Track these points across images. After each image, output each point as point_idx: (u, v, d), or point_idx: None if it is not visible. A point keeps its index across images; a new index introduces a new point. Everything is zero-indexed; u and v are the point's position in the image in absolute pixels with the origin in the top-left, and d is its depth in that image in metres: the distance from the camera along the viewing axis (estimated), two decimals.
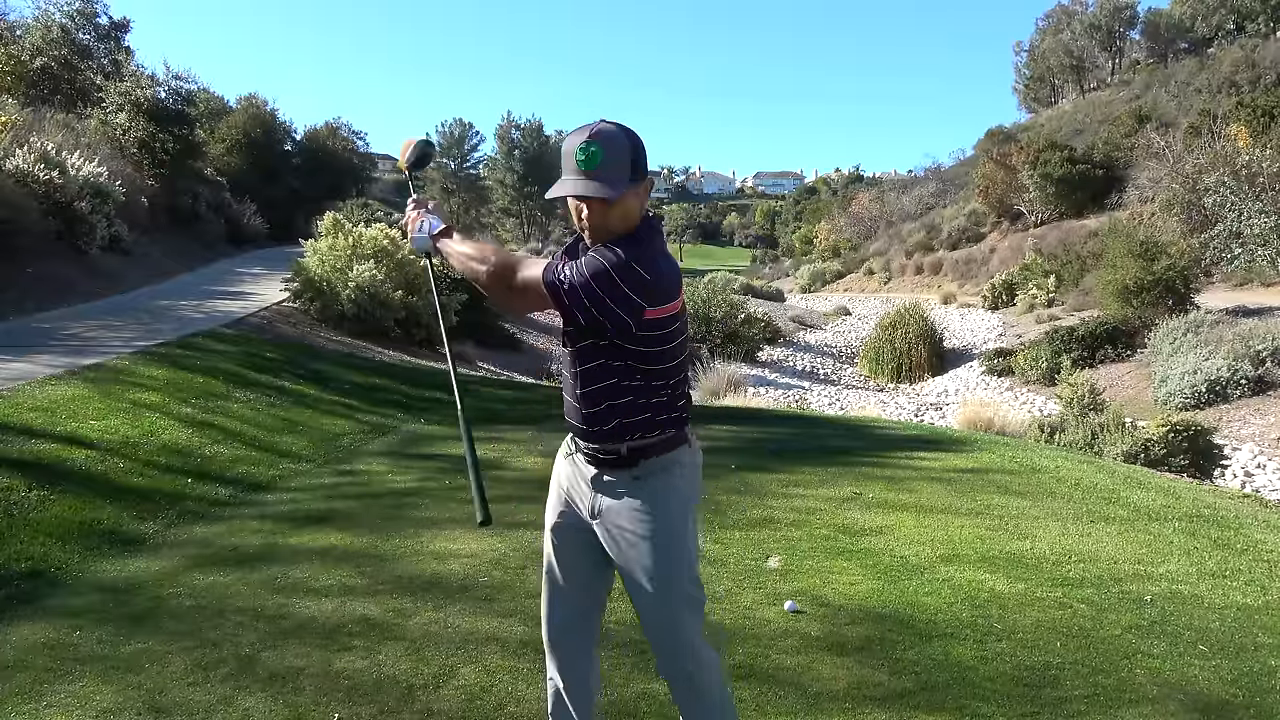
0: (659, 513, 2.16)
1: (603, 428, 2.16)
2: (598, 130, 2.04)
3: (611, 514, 2.19)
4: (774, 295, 42.69)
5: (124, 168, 19.08)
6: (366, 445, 6.96)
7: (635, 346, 2.07)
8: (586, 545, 2.27)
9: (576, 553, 2.29)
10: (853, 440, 7.96)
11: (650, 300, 2.02)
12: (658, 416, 2.15)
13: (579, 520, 2.27)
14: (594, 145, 2.02)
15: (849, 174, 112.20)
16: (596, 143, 2.03)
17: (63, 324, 10.25)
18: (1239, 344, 15.27)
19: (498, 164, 64.47)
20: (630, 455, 2.16)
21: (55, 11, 26.45)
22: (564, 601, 2.31)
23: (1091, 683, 3.11)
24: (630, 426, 2.14)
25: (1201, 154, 27.76)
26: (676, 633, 2.20)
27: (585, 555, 2.28)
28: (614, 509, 2.19)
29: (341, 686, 3.00)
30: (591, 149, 2.02)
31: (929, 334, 24.27)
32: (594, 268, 2.01)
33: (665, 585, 2.18)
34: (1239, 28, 56.83)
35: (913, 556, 4.43)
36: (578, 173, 2.03)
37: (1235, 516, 5.46)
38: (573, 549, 2.30)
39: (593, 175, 2.02)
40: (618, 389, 2.12)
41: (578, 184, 2.03)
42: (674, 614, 2.19)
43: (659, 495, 2.17)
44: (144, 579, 3.98)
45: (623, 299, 2.00)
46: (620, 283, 2.00)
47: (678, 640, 2.21)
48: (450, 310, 14.82)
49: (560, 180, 2.07)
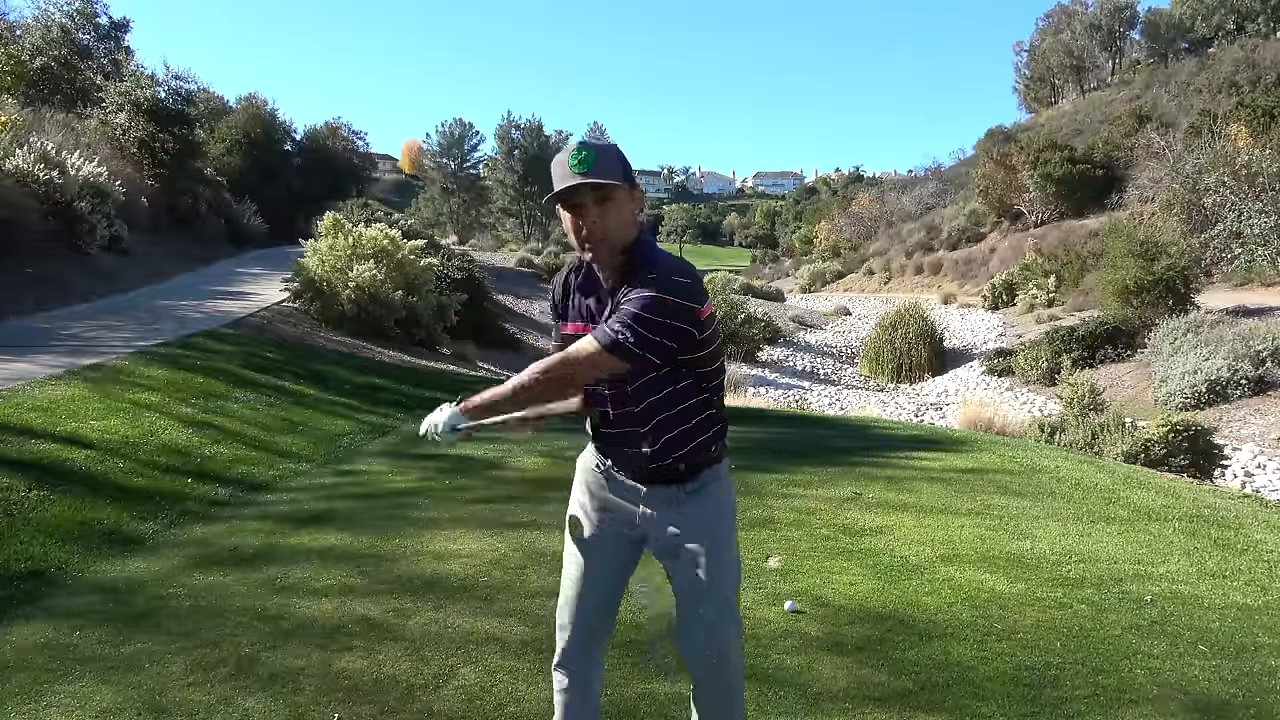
0: (713, 524, 2.17)
1: (663, 448, 2.13)
2: (584, 140, 2.07)
3: (666, 527, 2.18)
4: (774, 295, 42.70)
5: (124, 168, 19.08)
6: (366, 445, 6.96)
7: (692, 354, 2.07)
8: (621, 555, 2.27)
9: (610, 560, 2.27)
10: (853, 440, 7.96)
11: (699, 299, 2.03)
12: (711, 428, 2.16)
13: (618, 531, 2.24)
14: (584, 150, 2.02)
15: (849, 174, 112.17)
16: (588, 148, 2.03)
17: (63, 324, 10.25)
18: (1239, 344, 15.27)
19: (498, 164, 64.44)
20: (687, 470, 2.16)
21: (55, 11, 26.51)
22: (591, 609, 2.27)
23: (1092, 683, 3.10)
24: (687, 441, 2.14)
25: (1201, 154, 27.77)
26: (726, 648, 2.18)
27: (618, 562, 2.28)
28: (670, 522, 2.17)
29: (341, 686, 2.99)
30: (583, 154, 2.01)
31: (929, 334, 24.29)
32: (643, 303, 1.96)
33: (718, 595, 2.17)
34: (1239, 28, 56.84)
35: (913, 556, 4.43)
36: (572, 176, 2.01)
37: (1235, 517, 5.46)
38: (609, 557, 2.26)
39: (588, 175, 2.00)
40: (680, 406, 2.11)
41: (577, 181, 2.00)
42: (725, 627, 2.18)
43: (712, 506, 2.18)
44: (144, 579, 3.98)
45: (681, 313, 1.99)
46: (673, 301, 1.98)
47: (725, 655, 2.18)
48: (450, 309, 14.86)
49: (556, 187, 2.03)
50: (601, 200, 2.02)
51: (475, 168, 67.15)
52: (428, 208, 64.83)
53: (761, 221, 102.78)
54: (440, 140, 66.74)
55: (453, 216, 65.17)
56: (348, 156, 37.46)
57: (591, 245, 2.04)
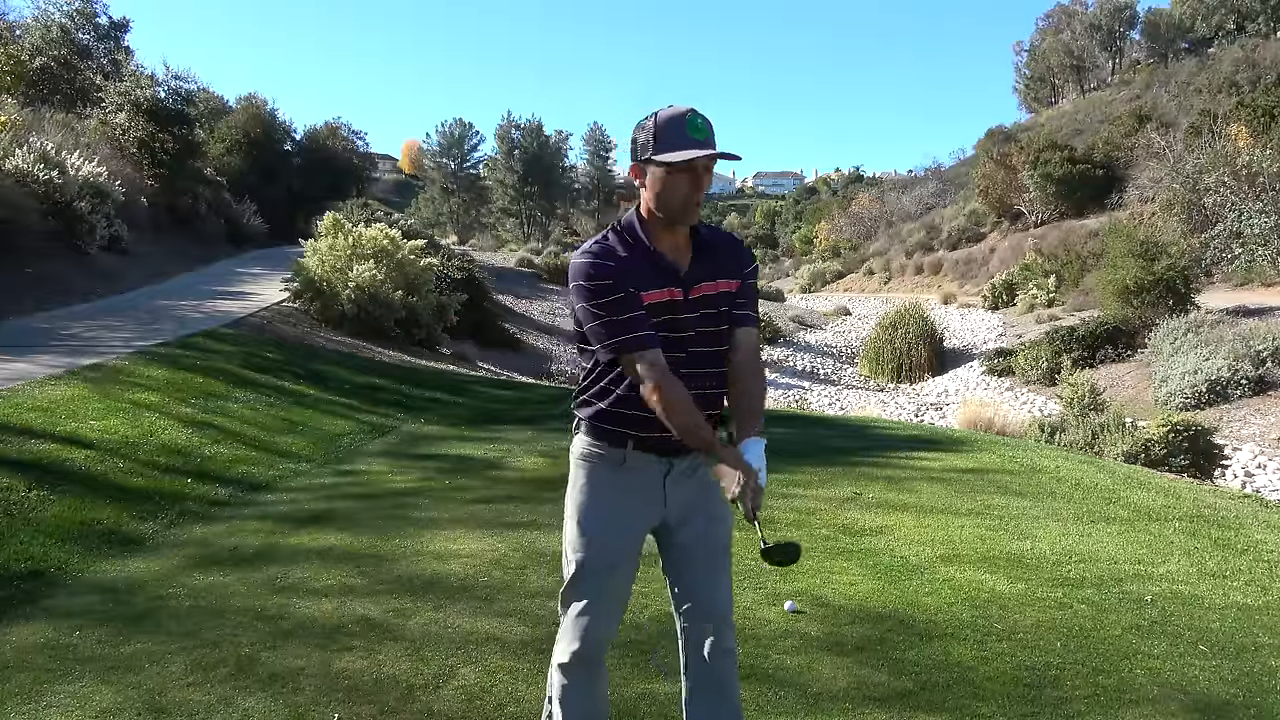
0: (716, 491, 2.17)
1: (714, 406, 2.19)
2: (693, 108, 2.04)
3: (688, 498, 2.20)
4: (774, 295, 42.67)
5: (124, 168, 19.09)
6: (366, 445, 6.96)
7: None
8: (640, 542, 2.26)
9: (633, 563, 2.25)
10: (853, 440, 7.96)
11: None
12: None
13: (645, 527, 2.23)
14: (700, 118, 2.03)
15: (849, 174, 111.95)
16: (702, 117, 2.03)
17: (62, 324, 10.26)
18: (1239, 344, 15.27)
19: (498, 164, 64.45)
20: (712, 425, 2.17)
21: (55, 11, 26.52)
22: (614, 618, 2.25)
23: (1092, 683, 3.10)
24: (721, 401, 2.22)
25: (1202, 154, 27.77)
26: (731, 604, 2.28)
27: (635, 562, 2.26)
28: (692, 492, 2.20)
29: (341, 686, 2.99)
30: (699, 121, 2.02)
31: (929, 334, 24.29)
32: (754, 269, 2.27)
33: (729, 557, 2.28)
34: (1239, 28, 56.82)
35: (913, 556, 4.42)
36: (697, 144, 2.00)
37: (1236, 517, 5.46)
38: (632, 562, 2.25)
39: (712, 144, 2.03)
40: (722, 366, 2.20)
41: (711, 151, 2.01)
42: (730, 585, 2.28)
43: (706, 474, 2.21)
44: (144, 579, 3.98)
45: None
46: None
47: (731, 612, 2.27)
48: (450, 309, 14.85)
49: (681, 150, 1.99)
50: (709, 170, 2.06)
51: (475, 168, 67.18)
52: (428, 208, 64.84)
53: (761, 221, 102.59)
54: (440, 140, 66.77)
55: (453, 216, 65.19)
56: (348, 156, 37.42)
57: (693, 210, 2.07)
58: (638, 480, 2.17)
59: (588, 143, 69.87)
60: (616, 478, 2.18)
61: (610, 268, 2.06)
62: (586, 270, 2.06)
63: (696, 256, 2.14)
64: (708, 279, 2.15)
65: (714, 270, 2.16)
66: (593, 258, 2.07)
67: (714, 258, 2.16)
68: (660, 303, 2.09)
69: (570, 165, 67.85)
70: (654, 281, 2.09)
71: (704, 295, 2.14)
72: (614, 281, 2.05)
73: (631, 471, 2.17)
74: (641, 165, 2.07)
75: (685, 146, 2.00)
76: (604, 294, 2.05)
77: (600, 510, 2.18)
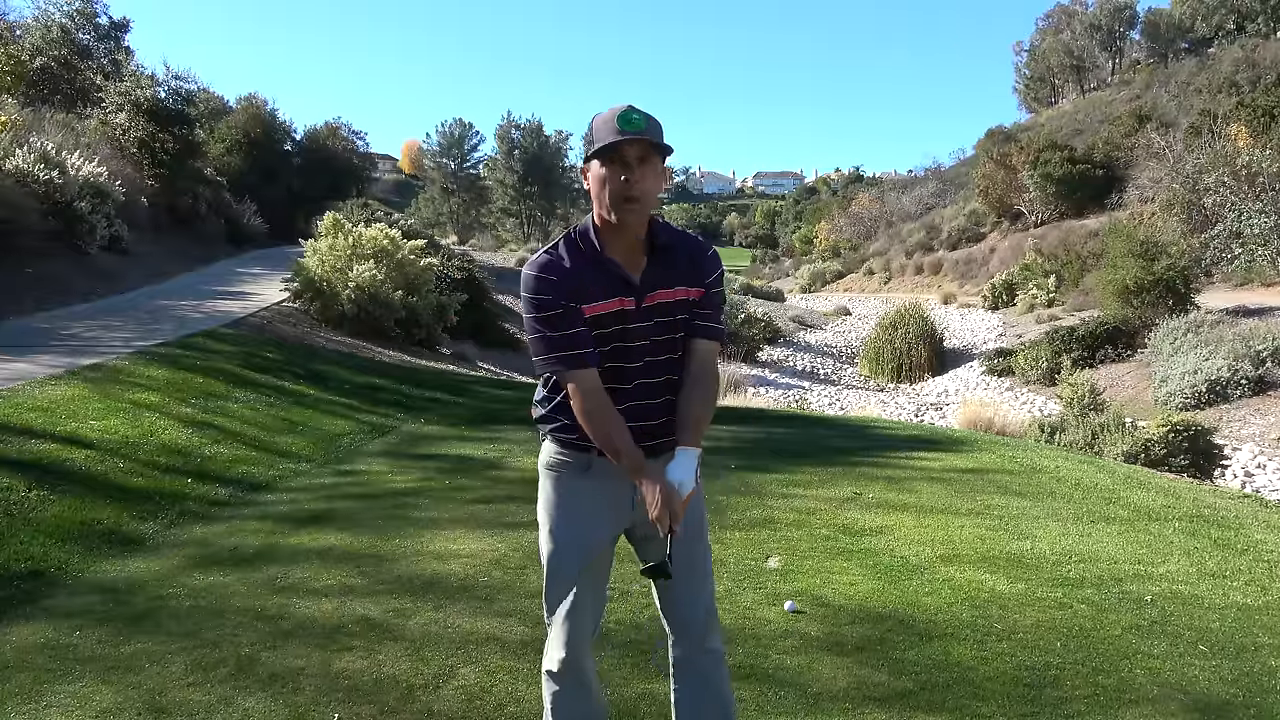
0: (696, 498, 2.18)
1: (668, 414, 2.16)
2: (628, 105, 1.99)
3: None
4: (774, 295, 42.71)
5: (124, 168, 19.08)
6: (366, 445, 6.96)
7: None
8: (612, 545, 2.26)
9: (605, 565, 2.26)
10: (853, 440, 7.96)
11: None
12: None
13: (614, 532, 2.23)
14: (636, 113, 1.97)
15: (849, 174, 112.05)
16: (639, 112, 1.98)
17: (63, 324, 10.25)
18: (1239, 344, 15.27)
19: (498, 164, 64.48)
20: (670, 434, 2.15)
21: (55, 11, 26.50)
22: (592, 620, 2.25)
23: (1092, 683, 3.10)
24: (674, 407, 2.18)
25: (1202, 154, 27.77)
26: (714, 606, 2.28)
27: (611, 553, 2.27)
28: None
29: (341, 686, 2.99)
30: (634, 116, 1.97)
31: (929, 334, 24.29)
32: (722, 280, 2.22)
33: (708, 555, 2.27)
34: (1239, 28, 56.84)
35: (913, 556, 4.42)
36: (621, 133, 1.94)
37: (1235, 517, 5.46)
38: (604, 565, 2.25)
39: (643, 134, 1.96)
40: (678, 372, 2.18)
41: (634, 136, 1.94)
42: (713, 587, 2.28)
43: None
44: (144, 579, 3.98)
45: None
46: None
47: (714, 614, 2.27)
48: (450, 309, 14.85)
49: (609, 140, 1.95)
50: (645, 161, 1.98)
51: (475, 168, 67.20)
52: (428, 208, 64.87)
53: (761, 221, 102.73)
54: (440, 140, 66.79)
55: (453, 216, 65.21)
56: (348, 156, 37.42)
57: (629, 205, 1.98)
58: (605, 486, 2.15)
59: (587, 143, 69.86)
60: (583, 484, 2.16)
61: (553, 282, 2.01)
62: (530, 283, 2.03)
63: (652, 263, 2.08)
64: (663, 286, 2.08)
65: (671, 277, 2.09)
66: (538, 270, 2.03)
67: (672, 264, 2.09)
68: (610, 313, 2.05)
69: (570, 165, 67.83)
70: (603, 292, 2.04)
71: (659, 303, 2.08)
72: (554, 296, 2.01)
73: (598, 477, 2.14)
74: (587, 165, 2.04)
75: (611, 137, 1.96)
76: (545, 309, 2.01)
77: (569, 516, 2.18)
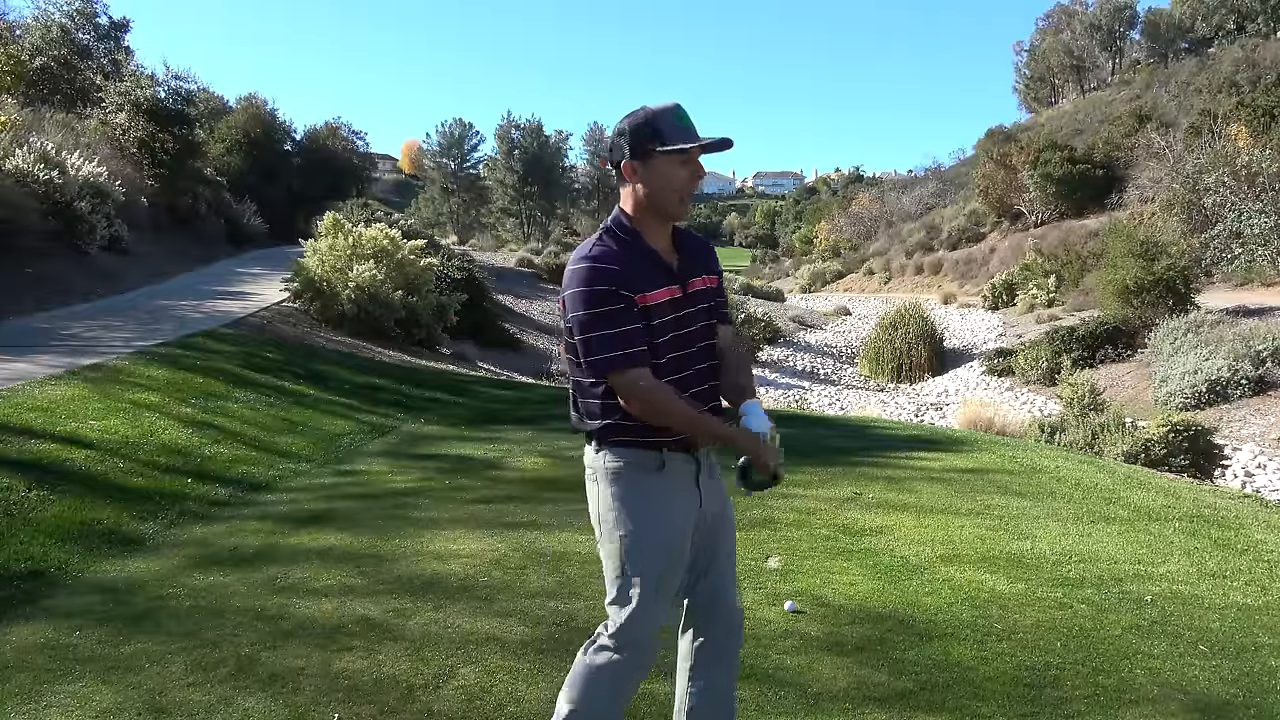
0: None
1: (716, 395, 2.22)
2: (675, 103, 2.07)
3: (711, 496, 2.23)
4: (774, 295, 42.70)
5: (124, 168, 19.08)
6: (366, 445, 6.96)
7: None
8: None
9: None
10: (853, 440, 7.95)
11: None
12: None
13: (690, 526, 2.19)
14: (685, 112, 2.06)
15: (849, 174, 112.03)
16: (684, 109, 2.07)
17: (63, 324, 10.25)
18: (1239, 344, 15.27)
19: (498, 164, 64.39)
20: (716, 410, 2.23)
21: (55, 11, 26.51)
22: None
23: (1092, 683, 3.10)
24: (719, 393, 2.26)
25: (1202, 154, 27.76)
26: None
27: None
28: (715, 489, 2.24)
29: (341, 686, 2.99)
30: (686, 115, 2.06)
31: (929, 334, 24.28)
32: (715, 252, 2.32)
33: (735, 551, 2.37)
34: (1239, 28, 56.82)
35: (913, 556, 4.42)
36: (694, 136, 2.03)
37: (1236, 517, 5.46)
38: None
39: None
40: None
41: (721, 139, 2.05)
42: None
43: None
44: (144, 579, 3.98)
45: None
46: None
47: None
48: (450, 309, 14.85)
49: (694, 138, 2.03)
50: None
51: (475, 168, 67.10)
52: (428, 208, 64.80)
53: (761, 221, 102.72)
54: (440, 140, 66.69)
55: (453, 216, 65.14)
56: (348, 156, 37.43)
57: (687, 202, 2.09)
58: (677, 484, 2.14)
59: (588, 143, 69.81)
60: (659, 484, 2.12)
61: (615, 272, 2.00)
62: (586, 275, 2.00)
63: (682, 253, 2.17)
64: (696, 275, 2.18)
65: (698, 266, 2.19)
66: (594, 262, 2.01)
67: (695, 255, 2.21)
68: (664, 301, 2.08)
69: (570, 165, 67.82)
70: (657, 280, 2.07)
71: (698, 290, 2.17)
72: (614, 287, 1.99)
73: (670, 477, 2.13)
74: (640, 160, 2.03)
75: (686, 139, 2.00)
76: (606, 301, 1.99)
77: (658, 519, 2.11)
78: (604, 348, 2.00)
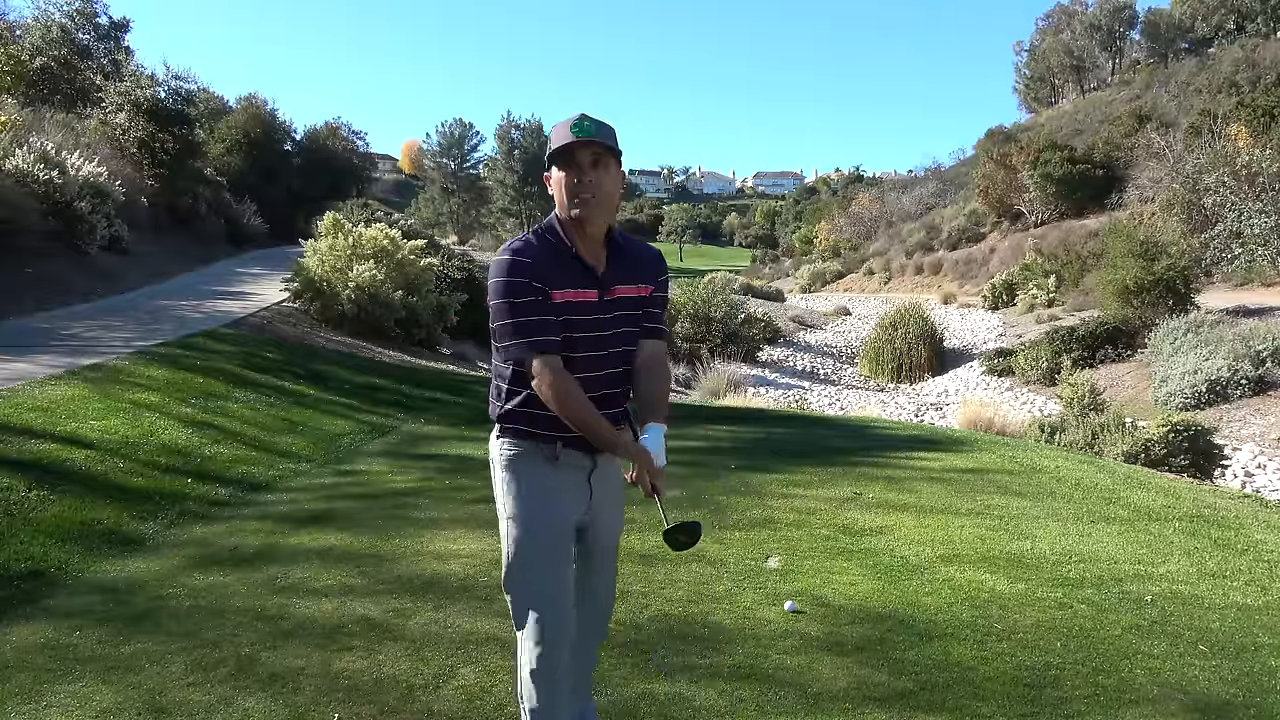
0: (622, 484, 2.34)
1: (623, 401, 2.29)
2: (581, 113, 2.12)
3: (604, 493, 2.30)
4: (774, 295, 42.69)
5: (124, 168, 19.08)
6: (366, 445, 6.96)
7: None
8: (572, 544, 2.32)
9: (570, 553, 2.32)
10: (853, 440, 7.96)
11: None
12: None
13: (577, 517, 2.29)
14: (587, 120, 2.10)
15: (849, 174, 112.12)
16: (589, 119, 2.10)
17: (63, 324, 10.25)
18: (1239, 344, 15.27)
19: (498, 164, 64.43)
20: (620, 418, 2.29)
21: (55, 11, 26.50)
22: (569, 611, 2.28)
23: (1092, 683, 3.10)
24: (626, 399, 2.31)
25: (1202, 154, 27.77)
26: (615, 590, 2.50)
27: (571, 554, 2.32)
28: (605, 486, 2.31)
29: (341, 686, 2.99)
30: (585, 122, 2.09)
31: (929, 334, 24.27)
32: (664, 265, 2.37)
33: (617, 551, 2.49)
34: (1239, 28, 56.85)
35: (913, 556, 4.42)
36: (573, 138, 2.09)
37: (1236, 517, 5.46)
38: (570, 552, 2.31)
39: (593, 139, 2.09)
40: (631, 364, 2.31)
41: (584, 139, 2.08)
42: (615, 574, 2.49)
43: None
44: (144, 579, 3.98)
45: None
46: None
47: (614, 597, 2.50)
48: (450, 309, 14.85)
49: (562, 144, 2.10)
50: (599, 163, 2.12)
51: (475, 168, 67.14)
52: (428, 208, 64.84)
53: (761, 221, 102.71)
54: (440, 140, 66.75)
55: (453, 216, 65.17)
56: (348, 156, 37.43)
57: (585, 204, 2.11)
58: (568, 476, 2.25)
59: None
60: (550, 471, 2.24)
61: (526, 265, 2.11)
62: (504, 267, 2.12)
63: (612, 260, 2.23)
64: (625, 282, 2.24)
65: (629, 275, 2.25)
66: (513, 255, 2.13)
67: (630, 264, 2.27)
68: (580, 302, 2.16)
69: None
70: (574, 281, 2.16)
71: (620, 297, 2.23)
72: (527, 279, 2.10)
73: (563, 468, 2.24)
74: (548, 172, 2.19)
75: (562, 141, 2.11)
76: (518, 292, 2.10)
77: (541, 499, 2.23)
78: (517, 333, 2.11)
